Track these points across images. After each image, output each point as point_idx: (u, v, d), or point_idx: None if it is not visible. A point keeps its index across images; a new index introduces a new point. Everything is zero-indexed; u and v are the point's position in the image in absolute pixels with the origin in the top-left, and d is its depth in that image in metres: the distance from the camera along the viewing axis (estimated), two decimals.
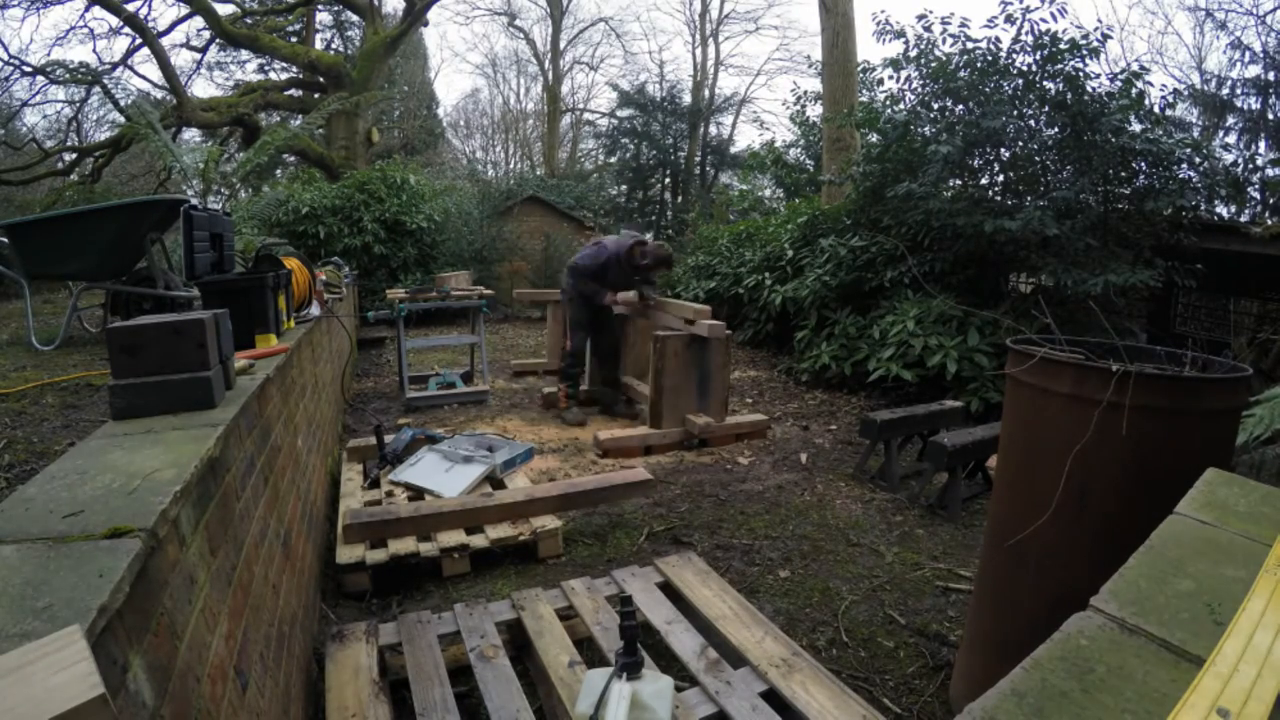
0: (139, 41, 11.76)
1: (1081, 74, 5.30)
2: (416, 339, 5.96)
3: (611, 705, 1.49)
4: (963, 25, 5.74)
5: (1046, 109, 5.48)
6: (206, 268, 2.46)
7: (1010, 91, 5.61)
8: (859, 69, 7.87)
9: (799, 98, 11.69)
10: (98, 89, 12.04)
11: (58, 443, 1.65)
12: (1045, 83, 5.47)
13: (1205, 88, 10.75)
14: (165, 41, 12.11)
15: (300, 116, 12.02)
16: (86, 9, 11.79)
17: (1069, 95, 5.28)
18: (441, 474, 3.27)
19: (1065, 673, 0.68)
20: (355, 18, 15.85)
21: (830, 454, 4.34)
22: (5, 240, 3.16)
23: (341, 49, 17.58)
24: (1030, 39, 5.43)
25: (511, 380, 6.39)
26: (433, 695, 1.79)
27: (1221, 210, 6.73)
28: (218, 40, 13.27)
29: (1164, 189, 5.32)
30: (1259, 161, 7.79)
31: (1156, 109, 5.56)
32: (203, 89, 18.37)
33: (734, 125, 21.24)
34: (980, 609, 1.93)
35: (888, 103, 6.84)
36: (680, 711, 1.71)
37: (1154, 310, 7.24)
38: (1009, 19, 5.47)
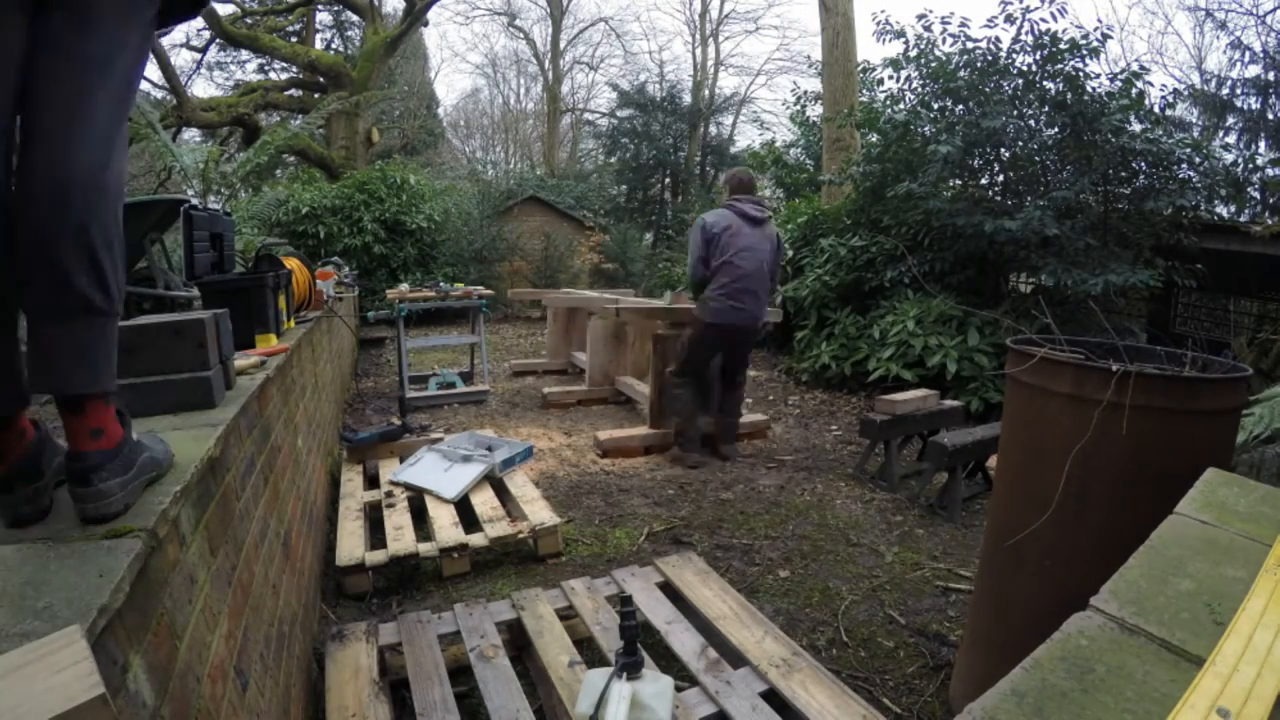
0: None
1: (1081, 74, 5.30)
2: (417, 339, 5.97)
3: (611, 705, 1.49)
4: (963, 25, 5.74)
5: (1046, 109, 5.48)
6: (206, 268, 2.46)
7: (1010, 91, 5.61)
8: (859, 69, 7.86)
9: (799, 98, 11.66)
10: None
11: None
12: (1045, 83, 5.47)
13: (1205, 88, 10.73)
14: (165, 41, 12.08)
15: (300, 116, 12.00)
16: None
17: (1069, 95, 5.28)
18: (441, 473, 3.27)
19: (1065, 673, 0.68)
20: (355, 18, 15.86)
21: (830, 454, 4.34)
22: None
23: (341, 49, 17.59)
24: (1030, 39, 5.43)
25: (511, 380, 6.39)
26: (433, 695, 1.79)
27: (1221, 210, 6.71)
28: (218, 40, 13.28)
29: (1164, 189, 5.32)
30: (1259, 161, 7.77)
31: (1156, 109, 5.56)
32: (203, 89, 18.37)
33: (734, 125, 21.18)
34: (980, 609, 1.93)
35: (888, 103, 6.84)
36: (680, 711, 1.71)
37: (1154, 310, 7.24)
38: (1009, 19, 5.47)
